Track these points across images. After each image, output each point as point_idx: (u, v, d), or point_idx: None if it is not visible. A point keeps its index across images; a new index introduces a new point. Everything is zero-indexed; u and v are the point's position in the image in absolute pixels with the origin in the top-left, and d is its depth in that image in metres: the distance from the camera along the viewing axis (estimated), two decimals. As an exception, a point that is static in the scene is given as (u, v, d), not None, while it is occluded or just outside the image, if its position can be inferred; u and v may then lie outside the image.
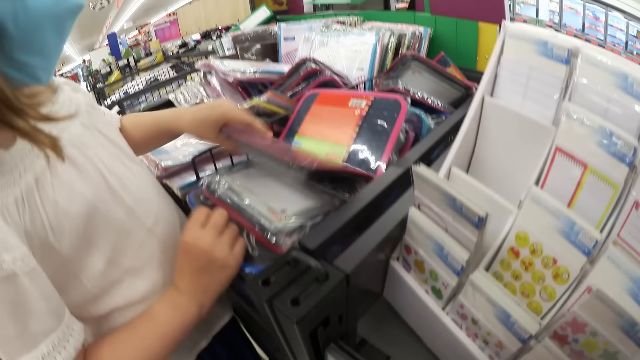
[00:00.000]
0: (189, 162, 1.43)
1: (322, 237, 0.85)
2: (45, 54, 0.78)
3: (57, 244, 0.83)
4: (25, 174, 0.80)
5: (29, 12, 0.70)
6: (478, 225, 0.73)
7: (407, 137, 1.20)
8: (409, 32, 2.05)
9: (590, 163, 0.79)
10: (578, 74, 0.88)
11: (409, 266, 0.94)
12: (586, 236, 0.71)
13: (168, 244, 1.07)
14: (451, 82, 1.61)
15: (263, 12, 3.38)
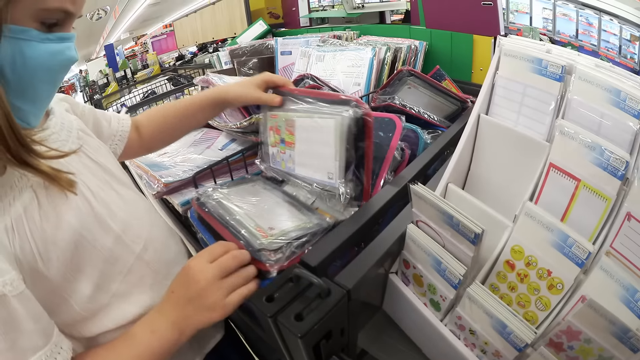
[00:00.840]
0: (190, 178, 1.45)
1: (323, 254, 0.87)
2: (37, 101, 0.82)
3: (45, 271, 0.84)
4: (14, 202, 0.82)
5: (26, 62, 0.74)
6: (474, 242, 0.76)
7: (402, 155, 1.21)
8: (404, 46, 2.07)
9: (584, 178, 0.82)
10: (572, 91, 0.91)
11: (408, 280, 0.96)
12: (579, 248, 0.73)
13: (159, 268, 1.07)
14: (447, 96, 1.62)
15: (260, 25, 3.39)
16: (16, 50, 0.73)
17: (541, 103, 0.97)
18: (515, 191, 0.97)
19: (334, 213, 1.09)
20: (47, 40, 0.77)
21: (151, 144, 1.45)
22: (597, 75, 0.87)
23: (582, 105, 0.89)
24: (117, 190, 1.06)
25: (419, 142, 1.29)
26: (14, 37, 0.72)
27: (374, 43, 2.18)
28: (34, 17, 0.74)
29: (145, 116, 1.44)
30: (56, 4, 0.75)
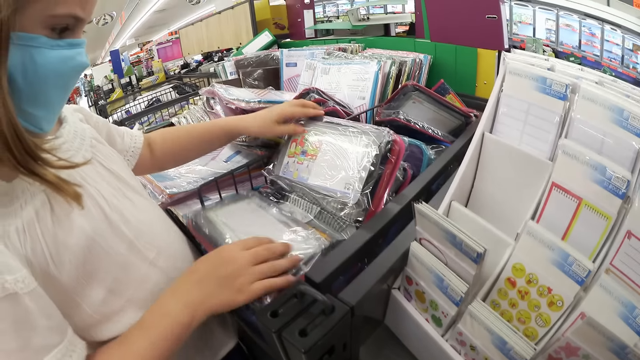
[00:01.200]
0: (194, 189, 1.46)
1: (327, 270, 0.88)
2: (49, 107, 0.82)
3: (57, 274, 0.84)
4: (26, 206, 0.82)
5: (37, 69, 0.74)
6: (476, 261, 0.77)
7: (405, 175, 1.22)
8: (409, 59, 2.07)
9: (585, 197, 0.83)
10: (575, 110, 0.92)
11: (410, 296, 0.97)
12: (579, 267, 0.74)
13: (174, 275, 1.06)
14: (451, 110, 1.63)
15: (265, 36, 3.40)
16: (26, 57, 0.73)
17: (545, 122, 0.97)
18: (518, 208, 0.98)
19: (331, 233, 1.11)
20: (58, 46, 0.77)
21: (163, 164, 1.47)
22: (600, 94, 0.88)
23: (585, 124, 0.90)
24: (129, 197, 1.06)
25: (423, 158, 1.30)
26: (24, 44, 0.72)
27: (379, 56, 2.18)
28: (44, 24, 0.74)
29: (160, 135, 1.45)
30: (65, 10, 0.76)
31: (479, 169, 1.09)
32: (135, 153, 1.35)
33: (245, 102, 1.72)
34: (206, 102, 2.14)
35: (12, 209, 0.80)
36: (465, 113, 1.63)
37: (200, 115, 2.10)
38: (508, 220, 0.98)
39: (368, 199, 1.10)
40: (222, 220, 1.19)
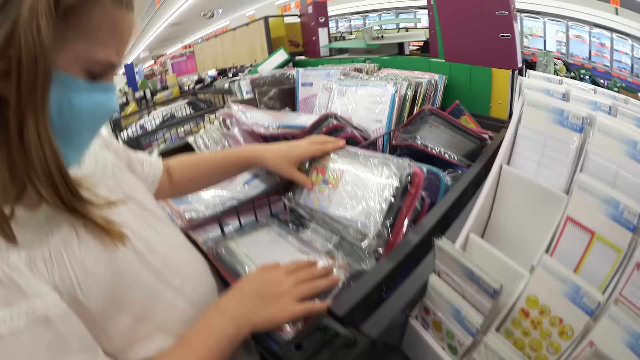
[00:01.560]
0: (213, 215, 1.48)
1: (350, 304, 0.89)
2: (79, 147, 0.84)
3: (85, 301, 0.83)
4: (52, 235, 0.82)
5: (73, 110, 0.76)
6: (493, 296, 0.79)
7: (422, 205, 1.23)
8: (424, 80, 2.08)
9: (598, 231, 0.85)
10: (591, 142, 0.94)
11: (427, 324, 0.99)
12: (590, 299, 0.76)
13: (199, 301, 1.07)
14: (467, 134, 1.64)
15: (281, 55, 3.42)
16: (64, 97, 0.74)
17: (561, 154, 1.00)
18: (533, 240, 1.00)
19: (350, 263, 1.12)
20: (93, 90, 0.79)
21: (181, 191, 1.49)
22: (615, 127, 0.90)
23: (600, 156, 0.92)
24: (153, 226, 1.06)
25: (440, 185, 1.31)
26: (62, 83, 0.73)
27: (394, 77, 2.19)
28: (82, 67, 0.76)
29: (179, 163, 1.47)
30: (104, 55, 0.77)
31: (496, 200, 1.11)
32: (155, 181, 1.37)
33: (264, 128, 1.73)
34: (222, 122, 2.14)
35: (37, 237, 0.80)
36: (481, 137, 1.64)
37: (217, 135, 2.10)
38: (523, 250, 1.00)
39: (388, 230, 1.12)
40: (243, 250, 1.20)
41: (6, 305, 0.71)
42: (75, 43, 0.73)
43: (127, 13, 0.81)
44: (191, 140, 2.21)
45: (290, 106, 2.55)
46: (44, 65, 0.67)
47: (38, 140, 0.70)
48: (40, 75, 0.68)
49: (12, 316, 0.70)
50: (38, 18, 0.66)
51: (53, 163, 0.72)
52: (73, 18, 0.72)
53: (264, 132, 1.73)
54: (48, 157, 0.71)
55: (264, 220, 1.41)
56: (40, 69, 0.67)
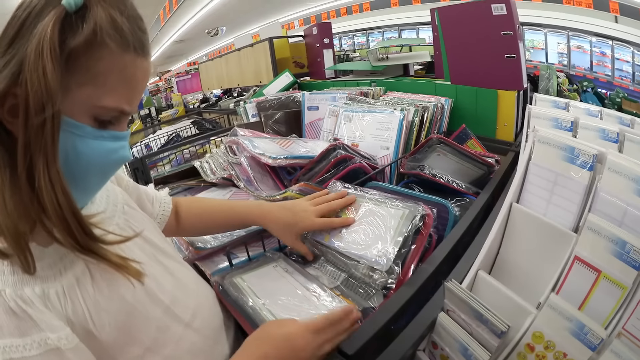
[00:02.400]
0: (221, 246, 1.50)
1: (360, 342, 0.89)
2: (87, 191, 0.85)
3: (97, 334, 0.82)
4: (65, 272, 0.82)
5: (78, 157, 0.76)
6: (500, 336, 0.81)
7: (430, 242, 1.23)
8: (431, 104, 2.08)
9: (604, 269, 0.86)
10: (601, 180, 0.96)
11: (435, 358, 0.99)
12: (593, 335, 0.78)
13: (209, 334, 1.08)
14: (474, 161, 1.65)
15: (286, 77, 3.42)
16: (69, 144, 0.74)
17: (571, 192, 1.01)
18: (541, 277, 1.01)
19: (358, 300, 1.12)
20: (101, 137, 0.78)
21: (185, 233, 1.48)
22: (625, 165, 0.92)
23: (609, 194, 0.94)
24: (163, 263, 1.07)
25: (448, 218, 1.31)
26: (68, 130, 0.73)
27: (401, 102, 2.21)
28: (89, 113, 0.76)
29: (186, 207, 1.46)
30: (113, 103, 0.77)
31: (505, 236, 1.12)
32: (163, 220, 1.37)
33: (272, 159, 1.73)
34: (228, 149, 2.14)
35: (50, 273, 0.80)
36: (488, 163, 1.64)
37: (223, 160, 2.10)
38: (530, 286, 1.01)
39: (399, 268, 1.11)
40: (248, 286, 1.20)
41: (19, 335, 0.71)
42: (82, 89, 0.73)
43: (139, 59, 0.80)
44: (197, 165, 2.21)
45: (296, 129, 2.58)
46: (51, 110, 0.68)
47: (50, 185, 0.70)
48: (48, 120, 0.68)
49: (25, 345, 0.71)
50: (44, 60, 0.66)
51: (67, 208, 0.72)
52: (78, 62, 0.72)
53: (271, 164, 1.74)
54: (61, 202, 0.71)
55: (269, 255, 1.40)
56: (48, 113, 0.67)
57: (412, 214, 1.20)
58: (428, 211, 1.19)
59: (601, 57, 5.84)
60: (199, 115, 5.34)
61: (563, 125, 1.27)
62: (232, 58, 5.10)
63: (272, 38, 3.92)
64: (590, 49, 5.94)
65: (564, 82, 4.26)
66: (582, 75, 6.02)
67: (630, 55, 5.51)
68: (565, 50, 6.20)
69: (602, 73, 5.90)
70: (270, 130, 2.57)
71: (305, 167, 1.79)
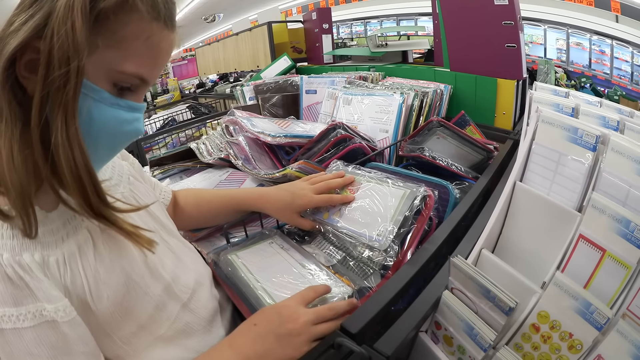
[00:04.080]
0: (218, 226, 1.47)
1: (363, 321, 0.88)
2: (95, 163, 0.80)
3: (94, 307, 0.82)
4: (67, 239, 0.81)
5: (91, 123, 0.74)
6: (508, 313, 0.79)
7: (430, 225, 1.22)
8: (430, 90, 2.08)
9: (609, 249, 0.86)
10: (604, 161, 0.95)
11: (437, 339, 0.98)
12: (600, 314, 0.77)
13: (204, 315, 1.07)
14: (474, 146, 1.64)
15: (284, 61, 3.41)
16: (84, 107, 0.71)
17: (574, 172, 1.01)
18: (545, 256, 1.01)
19: (354, 279, 1.11)
20: (117, 106, 0.77)
21: (183, 225, 1.45)
22: (628, 147, 0.92)
23: (612, 175, 0.93)
24: (166, 239, 1.06)
25: (449, 199, 1.31)
26: (85, 93, 0.71)
27: (400, 87, 2.20)
28: (108, 78, 0.74)
29: (183, 197, 1.47)
30: (133, 69, 0.76)
31: (508, 216, 1.11)
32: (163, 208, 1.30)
33: (271, 137, 1.72)
34: (225, 128, 2.12)
35: (52, 239, 0.79)
36: (488, 148, 1.64)
37: (220, 142, 2.08)
38: (533, 266, 1.01)
39: (398, 248, 1.11)
40: (242, 263, 1.18)
41: (14, 305, 0.70)
42: (105, 51, 0.72)
43: (166, 30, 0.79)
44: (193, 146, 2.19)
45: (293, 113, 2.56)
46: (77, 64, 0.66)
47: (67, 141, 0.68)
48: (72, 74, 0.66)
49: (19, 315, 0.70)
50: (74, 16, 0.65)
51: (83, 167, 0.71)
52: (106, 23, 0.71)
53: (270, 142, 1.72)
54: (78, 161, 0.70)
55: (266, 232, 1.39)
56: (73, 67, 0.66)
57: (413, 194, 1.19)
58: (429, 192, 1.18)
59: (600, 55, 5.85)
60: (194, 100, 5.32)
61: (564, 111, 1.27)
62: (230, 42, 5.09)
63: (271, 22, 3.90)
64: (589, 47, 5.94)
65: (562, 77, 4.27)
66: (580, 72, 6.04)
67: (629, 55, 5.52)
68: (564, 47, 6.21)
69: (601, 71, 5.92)
70: (267, 113, 2.56)
71: (305, 147, 1.79)
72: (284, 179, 1.56)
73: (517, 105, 2.15)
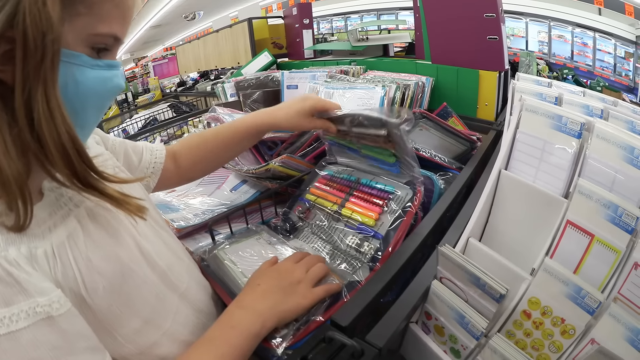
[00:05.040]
0: (203, 223, 1.46)
1: (353, 313, 0.88)
2: (85, 126, 0.81)
3: (90, 300, 0.80)
4: (55, 229, 0.79)
5: (78, 88, 0.74)
6: (499, 300, 0.80)
7: (416, 219, 1.21)
8: (412, 82, 2.08)
9: (597, 234, 0.87)
10: (589, 148, 0.96)
11: (429, 329, 0.98)
12: (591, 299, 0.78)
13: (202, 307, 1.07)
14: (457, 137, 1.65)
15: (265, 57, 3.40)
16: (69, 75, 0.72)
17: (559, 159, 1.02)
18: (532, 243, 1.01)
19: (342, 274, 1.11)
20: (97, 66, 0.77)
21: (191, 174, 1.45)
22: (613, 133, 0.93)
23: (598, 161, 0.95)
24: (155, 229, 1.06)
25: (434, 190, 1.31)
26: (67, 61, 0.71)
27: (382, 79, 2.20)
28: (85, 42, 0.74)
29: (186, 145, 1.44)
30: (107, 29, 0.75)
31: (494, 204, 1.12)
32: (157, 169, 1.32)
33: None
34: (207, 125, 2.11)
35: (38, 231, 0.76)
36: (471, 139, 1.64)
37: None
38: (521, 254, 1.02)
39: (387, 241, 1.11)
40: (230, 258, 1.19)
41: (4, 305, 0.66)
42: (78, 19, 0.71)
43: None
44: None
45: (275, 108, 2.52)
46: (52, 37, 0.65)
47: (48, 112, 0.67)
48: (48, 48, 0.65)
49: (12, 316, 0.66)
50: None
51: (65, 134, 0.69)
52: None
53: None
54: (59, 128, 0.69)
55: (253, 228, 1.38)
56: (48, 41, 0.65)
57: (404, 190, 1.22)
58: (419, 188, 1.19)
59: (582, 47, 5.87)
60: (175, 99, 5.30)
61: (548, 100, 1.28)
62: (210, 40, 5.07)
63: (252, 19, 3.89)
64: (571, 39, 5.97)
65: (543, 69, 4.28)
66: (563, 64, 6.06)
67: (612, 47, 5.55)
68: (546, 39, 6.23)
69: (583, 63, 5.94)
70: (248, 109, 2.53)
71: (287, 141, 1.79)
72: (267, 173, 1.57)
73: (500, 96, 2.16)
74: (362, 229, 1.19)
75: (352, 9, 9.69)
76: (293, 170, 1.58)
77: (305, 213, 1.36)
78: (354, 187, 1.34)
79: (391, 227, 1.14)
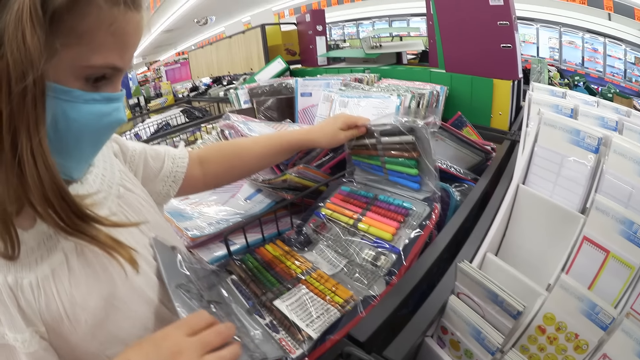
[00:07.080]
0: (217, 232, 1.47)
1: (371, 329, 0.88)
2: (80, 159, 0.79)
3: (73, 331, 0.78)
4: (41, 262, 0.77)
5: (69, 124, 0.71)
6: (515, 317, 0.80)
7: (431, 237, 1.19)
8: (427, 91, 2.07)
9: (613, 250, 0.87)
10: (607, 163, 0.96)
11: (444, 344, 0.98)
12: (605, 315, 0.79)
13: None
14: (472, 147, 1.64)
15: (278, 64, 3.41)
16: (58, 111, 0.69)
17: (577, 174, 1.02)
18: (548, 258, 1.02)
19: (357, 289, 1.09)
20: (93, 100, 0.73)
21: (217, 181, 1.41)
22: (630, 149, 0.93)
23: (614, 176, 0.94)
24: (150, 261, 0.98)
25: (450, 202, 1.31)
26: (56, 96, 0.68)
27: (396, 88, 2.20)
28: (78, 75, 0.71)
29: (215, 151, 1.40)
30: (102, 60, 0.71)
31: (511, 218, 1.12)
32: (178, 178, 1.25)
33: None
34: (221, 132, 2.11)
35: (26, 261, 0.76)
36: (486, 150, 1.64)
37: (217, 146, 2.07)
38: (537, 267, 1.02)
39: (405, 255, 1.11)
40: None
41: None
42: (68, 50, 0.67)
43: (130, 12, 0.74)
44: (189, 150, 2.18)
45: (288, 116, 2.55)
46: (33, 79, 0.63)
47: (32, 157, 0.65)
48: (30, 90, 0.63)
49: None
50: (23, 25, 0.61)
51: (48, 183, 0.67)
52: (63, 22, 0.66)
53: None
54: (43, 177, 0.67)
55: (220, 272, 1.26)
56: (29, 83, 0.62)
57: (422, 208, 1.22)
58: (436, 205, 1.19)
59: (593, 53, 5.86)
60: (188, 104, 5.30)
61: (564, 112, 1.27)
62: (223, 45, 5.08)
63: (265, 25, 3.90)
64: (582, 45, 5.95)
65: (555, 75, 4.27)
66: (574, 70, 6.05)
67: (622, 52, 5.54)
68: (557, 45, 6.22)
69: (594, 69, 5.93)
70: (262, 116, 2.55)
71: (303, 151, 1.76)
72: (284, 184, 1.56)
73: (513, 105, 2.16)
74: (379, 243, 1.18)
75: (364, 15, 9.70)
76: (309, 180, 1.57)
77: (320, 226, 1.36)
78: (371, 203, 1.34)
79: (408, 241, 1.13)
